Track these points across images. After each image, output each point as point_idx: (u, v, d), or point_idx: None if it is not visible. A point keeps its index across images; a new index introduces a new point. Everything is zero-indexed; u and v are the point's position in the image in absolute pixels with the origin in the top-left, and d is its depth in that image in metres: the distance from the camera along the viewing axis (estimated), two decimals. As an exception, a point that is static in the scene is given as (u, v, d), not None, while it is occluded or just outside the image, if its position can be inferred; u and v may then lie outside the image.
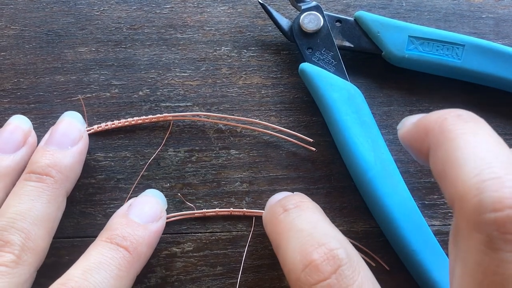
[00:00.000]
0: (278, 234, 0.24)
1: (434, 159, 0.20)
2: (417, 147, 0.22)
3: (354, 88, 0.30)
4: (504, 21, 0.33)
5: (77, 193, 0.30)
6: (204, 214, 0.30)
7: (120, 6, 0.33)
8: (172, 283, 0.30)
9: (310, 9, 0.31)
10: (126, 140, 0.31)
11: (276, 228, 0.25)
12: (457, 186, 0.17)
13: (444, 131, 0.20)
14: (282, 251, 0.23)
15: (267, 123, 0.31)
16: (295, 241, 0.22)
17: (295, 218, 0.24)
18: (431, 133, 0.21)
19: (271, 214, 0.26)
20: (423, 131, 0.21)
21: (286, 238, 0.23)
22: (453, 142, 0.19)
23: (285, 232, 0.24)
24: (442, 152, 0.19)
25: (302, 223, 0.24)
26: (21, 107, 0.31)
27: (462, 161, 0.18)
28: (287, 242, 0.23)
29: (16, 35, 0.32)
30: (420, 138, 0.22)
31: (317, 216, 0.25)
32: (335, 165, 0.31)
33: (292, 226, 0.24)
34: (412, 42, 0.30)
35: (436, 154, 0.20)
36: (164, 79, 0.32)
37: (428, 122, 0.21)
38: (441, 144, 0.19)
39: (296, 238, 0.23)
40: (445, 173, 0.19)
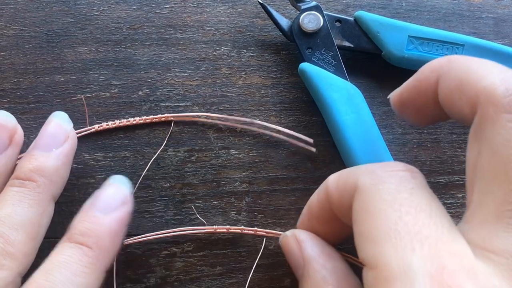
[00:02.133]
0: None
1: (448, 80, 0.21)
2: (421, 90, 0.22)
3: (353, 88, 0.30)
4: (504, 21, 0.33)
5: (76, 193, 0.30)
6: (215, 230, 0.30)
7: (120, 6, 0.33)
8: (171, 283, 0.30)
9: (310, 9, 0.31)
10: (125, 140, 0.31)
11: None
12: (483, 81, 0.19)
13: (454, 59, 0.21)
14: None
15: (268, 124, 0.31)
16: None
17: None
18: (439, 66, 0.21)
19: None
20: (428, 71, 0.22)
21: None
22: (467, 59, 0.21)
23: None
24: (457, 69, 0.20)
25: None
26: (21, 107, 0.31)
27: (483, 66, 0.20)
28: None
29: (15, 35, 0.32)
30: (425, 78, 0.22)
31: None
32: (334, 165, 0.31)
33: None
34: (411, 42, 0.30)
35: (451, 74, 0.21)
36: (163, 79, 0.32)
37: (432, 63, 0.22)
38: (454, 66, 0.21)
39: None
40: (464, 81, 0.20)
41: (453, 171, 0.31)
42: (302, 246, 0.25)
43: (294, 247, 0.25)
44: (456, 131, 0.32)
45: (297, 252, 0.25)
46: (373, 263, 0.17)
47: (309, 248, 0.25)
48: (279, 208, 0.31)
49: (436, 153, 0.31)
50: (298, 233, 0.26)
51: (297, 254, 0.25)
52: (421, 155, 0.31)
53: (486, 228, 0.17)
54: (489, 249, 0.17)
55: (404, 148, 0.31)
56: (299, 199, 0.31)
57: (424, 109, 0.23)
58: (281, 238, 0.27)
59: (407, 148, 0.31)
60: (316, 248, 0.25)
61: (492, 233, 0.17)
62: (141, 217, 0.30)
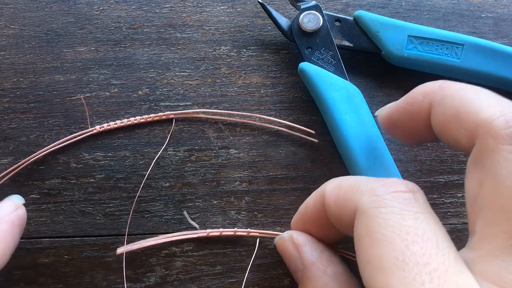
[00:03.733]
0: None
1: (443, 109, 0.21)
2: (412, 114, 0.22)
3: (353, 88, 0.30)
4: (504, 21, 0.33)
5: (76, 193, 0.31)
6: (207, 234, 0.30)
7: (120, 5, 0.33)
8: (171, 282, 0.30)
9: (310, 8, 0.31)
10: (125, 140, 0.31)
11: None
12: (481, 112, 0.19)
13: (447, 86, 0.21)
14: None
15: (271, 118, 0.31)
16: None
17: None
18: (432, 92, 0.22)
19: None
20: (420, 96, 0.22)
21: None
22: (461, 87, 0.21)
23: None
24: (452, 99, 0.20)
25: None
26: (21, 106, 0.31)
27: (479, 96, 0.20)
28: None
29: (15, 35, 0.32)
30: (417, 103, 0.22)
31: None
32: (334, 164, 0.31)
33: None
34: (411, 41, 0.30)
35: (446, 103, 0.21)
36: (163, 79, 0.32)
37: (424, 88, 0.22)
38: (449, 94, 0.21)
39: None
40: (461, 111, 0.20)
41: (452, 170, 0.31)
42: (300, 250, 0.25)
43: (292, 250, 0.25)
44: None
45: (295, 256, 0.25)
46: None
47: (309, 253, 0.24)
48: (279, 208, 0.31)
49: (435, 153, 0.31)
50: (295, 236, 0.25)
51: (295, 258, 0.25)
52: (421, 154, 0.31)
53: (494, 261, 0.17)
54: (499, 283, 0.16)
55: (404, 148, 0.31)
56: (299, 198, 0.31)
57: (414, 132, 0.23)
58: (277, 239, 0.27)
59: (406, 147, 0.31)
60: (315, 252, 0.24)
61: (501, 266, 0.17)
62: (141, 217, 0.30)
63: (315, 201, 0.24)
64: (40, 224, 0.30)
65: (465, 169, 0.31)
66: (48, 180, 0.31)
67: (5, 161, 0.31)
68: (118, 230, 0.30)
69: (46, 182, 0.31)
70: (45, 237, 0.30)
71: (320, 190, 0.24)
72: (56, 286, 0.30)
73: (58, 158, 0.31)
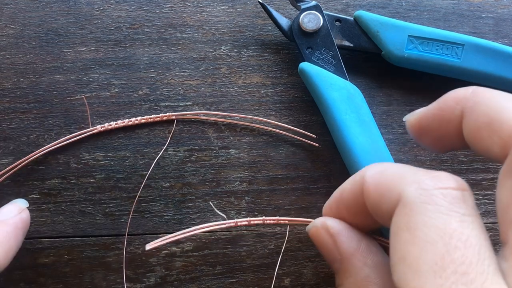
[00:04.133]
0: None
1: (476, 116, 0.20)
2: (443, 120, 0.22)
3: (353, 88, 0.30)
4: (504, 21, 0.33)
5: (76, 193, 0.31)
6: (236, 224, 0.27)
7: (120, 5, 0.33)
8: (171, 282, 0.30)
9: (310, 8, 0.31)
10: (125, 140, 0.31)
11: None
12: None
13: (480, 92, 0.20)
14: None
15: (274, 121, 0.31)
16: None
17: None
18: (464, 98, 0.21)
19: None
20: (452, 102, 0.21)
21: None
22: (495, 94, 0.20)
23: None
24: (486, 106, 0.20)
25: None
26: (21, 106, 0.31)
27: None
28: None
29: (15, 35, 0.32)
30: (449, 109, 0.21)
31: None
32: (334, 164, 0.31)
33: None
34: (411, 41, 0.30)
35: (478, 110, 0.20)
36: (163, 79, 0.32)
37: (456, 94, 0.21)
38: (482, 101, 0.20)
39: None
40: (495, 119, 0.19)
41: (452, 170, 0.31)
42: (337, 240, 0.23)
43: (328, 240, 0.23)
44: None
45: (331, 246, 0.23)
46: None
47: (346, 243, 0.23)
48: (279, 208, 0.31)
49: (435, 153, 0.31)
50: (330, 224, 0.23)
51: (331, 248, 0.23)
52: (421, 154, 0.31)
53: None
54: None
55: (404, 148, 0.31)
56: (299, 198, 0.31)
57: (444, 139, 0.22)
58: (310, 227, 0.24)
59: (407, 147, 0.31)
60: (353, 242, 0.23)
61: None
62: (141, 217, 0.30)
63: (353, 186, 0.23)
64: (40, 224, 0.30)
65: (465, 169, 0.31)
66: (48, 180, 0.31)
67: (5, 161, 0.31)
68: (118, 230, 0.30)
69: (46, 182, 0.31)
70: (45, 237, 0.30)
71: (360, 174, 0.22)
72: (56, 286, 0.30)
73: (58, 158, 0.31)
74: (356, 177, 0.22)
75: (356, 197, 0.22)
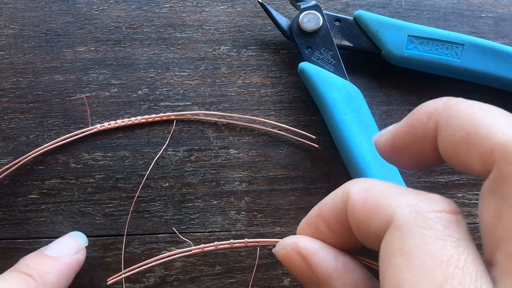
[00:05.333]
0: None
1: (452, 130, 0.19)
2: (416, 137, 0.20)
3: (353, 88, 0.30)
4: (504, 20, 0.33)
5: (76, 193, 0.30)
6: (202, 250, 0.28)
7: (119, 5, 0.33)
8: (171, 282, 0.30)
9: (310, 8, 0.31)
10: (125, 140, 0.31)
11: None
12: (496, 136, 0.17)
13: (453, 104, 0.19)
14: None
15: (275, 122, 0.31)
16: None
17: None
18: (436, 112, 0.20)
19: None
20: (424, 117, 0.20)
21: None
22: (469, 106, 0.19)
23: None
24: (461, 120, 0.19)
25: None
26: (20, 106, 0.31)
27: (491, 117, 0.18)
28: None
29: (15, 34, 0.32)
30: (421, 125, 0.20)
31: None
32: (334, 164, 0.31)
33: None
34: (411, 41, 0.30)
35: (453, 124, 0.19)
36: (163, 79, 0.32)
37: (427, 108, 0.20)
38: (456, 114, 0.19)
39: None
40: (472, 133, 0.18)
41: (452, 170, 0.31)
42: (312, 263, 0.21)
43: (300, 264, 0.21)
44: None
45: (305, 269, 0.21)
46: None
47: (322, 265, 0.21)
48: (279, 208, 0.31)
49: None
50: (302, 245, 0.21)
51: (305, 271, 0.21)
52: (421, 154, 0.31)
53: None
54: None
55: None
56: (298, 198, 0.31)
57: (419, 156, 0.21)
58: (278, 250, 0.22)
59: (406, 147, 0.31)
60: (329, 262, 0.21)
61: None
62: (141, 217, 0.30)
63: (335, 202, 0.21)
64: (40, 224, 0.30)
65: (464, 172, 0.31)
66: (47, 180, 0.31)
67: (4, 161, 0.31)
68: (118, 230, 0.30)
69: (45, 182, 0.31)
70: (45, 237, 0.30)
71: (343, 189, 0.21)
72: (55, 286, 0.30)
73: (57, 158, 0.31)
74: (339, 192, 0.21)
75: (338, 214, 0.21)
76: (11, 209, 0.30)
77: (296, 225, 0.23)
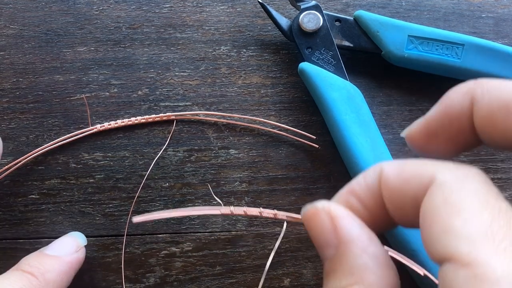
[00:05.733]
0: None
1: (488, 100, 0.20)
2: (453, 116, 0.21)
3: (353, 88, 0.30)
4: (504, 21, 0.33)
5: (76, 193, 0.30)
6: (231, 213, 0.26)
7: (119, 5, 0.33)
8: (171, 282, 0.30)
9: (310, 8, 0.31)
10: (125, 140, 0.31)
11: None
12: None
13: (485, 81, 0.20)
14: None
15: (275, 122, 0.31)
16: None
17: None
18: (470, 89, 0.21)
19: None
20: (459, 95, 0.21)
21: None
22: (503, 81, 0.20)
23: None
24: (497, 89, 0.20)
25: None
26: (20, 106, 0.31)
27: None
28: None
29: (15, 35, 0.32)
30: (457, 103, 0.21)
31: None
32: (334, 164, 0.31)
33: None
34: (411, 41, 0.30)
35: (489, 95, 0.20)
36: (163, 79, 0.32)
37: (460, 88, 0.21)
38: (491, 87, 0.20)
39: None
40: (510, 101, 0.19)
41: (453, 170, 0.31)
42: (338, 223, 0.21)
43: (326, 223, 0.21)
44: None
45: (329, 229, 0.21)
46: (467, 261, 0.16)
47: (348, 227, 0.21)
48: (279, 208, 0.31)
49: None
50: (333, 207, 0.21)
51: (328, 231, 0.21)
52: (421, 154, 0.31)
53: None
54: None
55: (404, 148, 0.31)
56: (299, 199, 0.31)
57: (455, 138, 0.21)
58: (307, 209, 0.22)
59: (407, 147, 0.31)
60: (355, 227, 0.21)
61: None
62: (141, 217, 0.30)
63: (367, 177, 0.22)
64: (40, 224, 0.30)
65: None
66: (47, 180, 0.31)
67: (4, 161, 0.31)
68: (118, 230, 0.30)
69: (45, 182, 0.31)
70: (45, 237, 0.30)
71: (374, 167, 0.21)
72: (55, 286, 0.30)
73: (57, 159, 0.31)
74: (371, 169, 0.21)
75: (371, 187, 0.21)
76: (11, 209, 0.30)
77: (296, 225, 0.23)
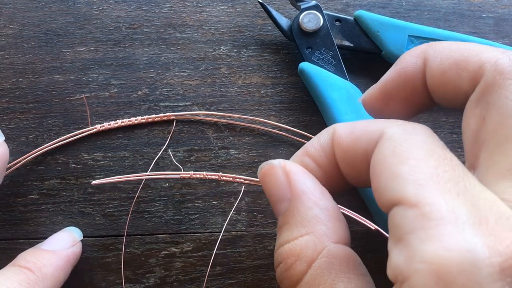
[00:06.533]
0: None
1: (440, 60, 0.21)
2: (408, 77, 0.23)
3: (353, 88, 0.30)
4: (504, 21, 0.33)
5: (75, 193, 0.30)
6: (191, 176, 0.27)
7: (119, 5, 0.33)
8: (171, 283, 0.30)
9: (310, 8, 0.31)
10: (125, 140, 0.31)
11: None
12: (484, 54, 0.20)
13: (437, 43, 0.22)
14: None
15: (275, 123, 0.31)
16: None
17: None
18: (423, 51, 0.22)
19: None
20: (412, 57, 0.23)
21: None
22: (454, 42, 0.22)
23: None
24: (448, 49, 0.21)
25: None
26: (20, 106, 0.31)
27: (473, 44, 0.21)
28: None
29: (15, 35, 0.32)
30: (411, 64, 0.23)
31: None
32: (334, 165, 0.31)
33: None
34: (412, 41, 0.30)
35: (442, 54, 0.21)
36: (163, 79, 0.32)
37: (413, 50, 0.23)
38: (442, 48, 0.21)
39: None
40: (460, 58, 0.21)
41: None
42: (292, 178, 0.22)
43: (281, 177, 0.22)
44: (456, 131, 0.32)
45: (283, 183, 0.22)
46: (414, 202, 0.17)
47: (301, 181, 0.22)
48: (279, 208, 0.31)
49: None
50: (288, 164, 0.22)
51: (283, 185, 0.22)
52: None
53: (503, 182, 0.18)
54: (509, 199, 0.17)
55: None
56: (298, 199, 0.31)
57: (410, 99, 0.23)
58: (263, 165, 0.23)
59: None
60: (308, 181, 0.22)
61: (509, 185, 0.18)
62: (140, 217, 0.30)
63: (320, 137, 0.23)
64: (39, 224, 0.30)
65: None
66: (47, 180, 0.31)
67: (4, 162, 0.31)
68: (118, 230, 0.30)
69: (45, 183, 0.31)
70: (44, 237, 0.30)
71: (327, 130, 0.23)
72: (55, 286, 0.30)
73: (57, 159, 0.31)
74: (323, 131, 0.23)
75: (324, 147, 0.23)
76: (11, 209, 0.30)
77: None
